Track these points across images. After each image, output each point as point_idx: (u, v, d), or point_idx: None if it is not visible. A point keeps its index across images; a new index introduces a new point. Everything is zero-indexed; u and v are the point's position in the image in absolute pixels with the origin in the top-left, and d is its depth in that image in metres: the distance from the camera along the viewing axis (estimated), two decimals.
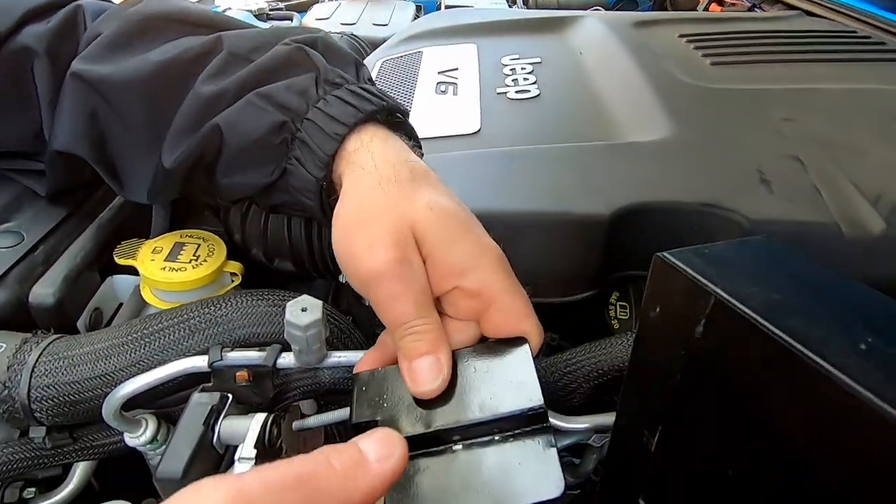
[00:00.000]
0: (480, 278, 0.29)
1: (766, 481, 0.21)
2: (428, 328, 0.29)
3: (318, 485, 0.18)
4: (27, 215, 0.46)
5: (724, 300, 0.21)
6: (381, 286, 0.29)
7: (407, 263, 0.29)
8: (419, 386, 0.28)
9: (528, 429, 0.27)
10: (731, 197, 0.42)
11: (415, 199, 0.30)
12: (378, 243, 0.28)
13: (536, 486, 0.25)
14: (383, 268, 0.28)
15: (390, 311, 0.29)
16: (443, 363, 0.29)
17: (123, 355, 0.36)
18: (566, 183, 0.44)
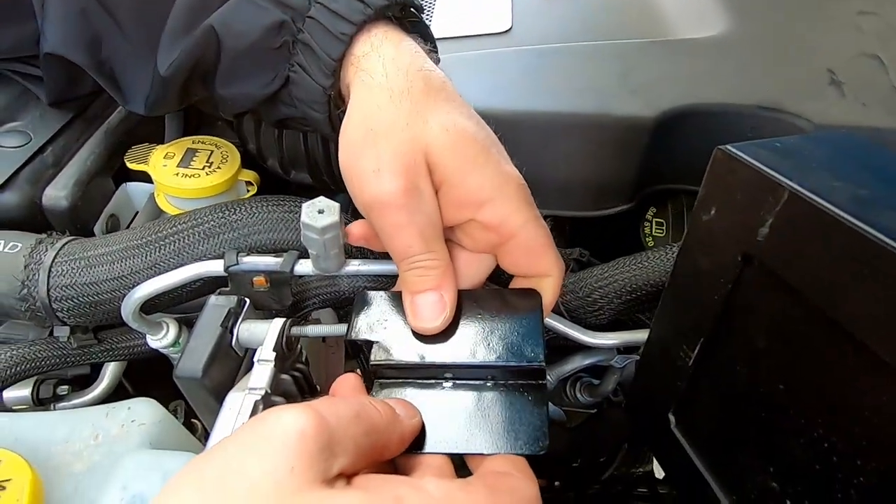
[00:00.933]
0: (499, 211, 0.27)
1: (832, 395, 0.19)
2: (433, 264, 0.27)
3: (373, 421, 0.21)
4: (33, 115, 0.44)
5: (800, 195, 0.18)
6: (385, 215, 0.26)
7: (416, 193, 0.26)
8: (420, 322, 0.27)
9: (523, 382, 0.26)
10: (796, 99, 0.37)
11: (429, 119, 0.27)
12: (385, 168, 0.26)
13: (518, 438, 0.25)
14: (389, 197, 0.26)
15: (394, 241, 0.27)
16: (447, 301, 0.27)
17: (139, 258, 0.35)
18: (606, 82, 0.39)
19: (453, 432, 0.25)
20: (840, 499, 0.19)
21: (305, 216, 0.30)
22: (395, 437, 0.22)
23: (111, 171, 0.46)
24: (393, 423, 0.22)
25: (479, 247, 0.29)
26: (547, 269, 0.28)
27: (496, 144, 0.28)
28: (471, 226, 0.28)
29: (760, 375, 0.22)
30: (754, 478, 0.23)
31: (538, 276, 0.28)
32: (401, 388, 0.27)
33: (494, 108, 0.37)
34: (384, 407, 0.22)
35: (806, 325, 0.19)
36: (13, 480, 0.27)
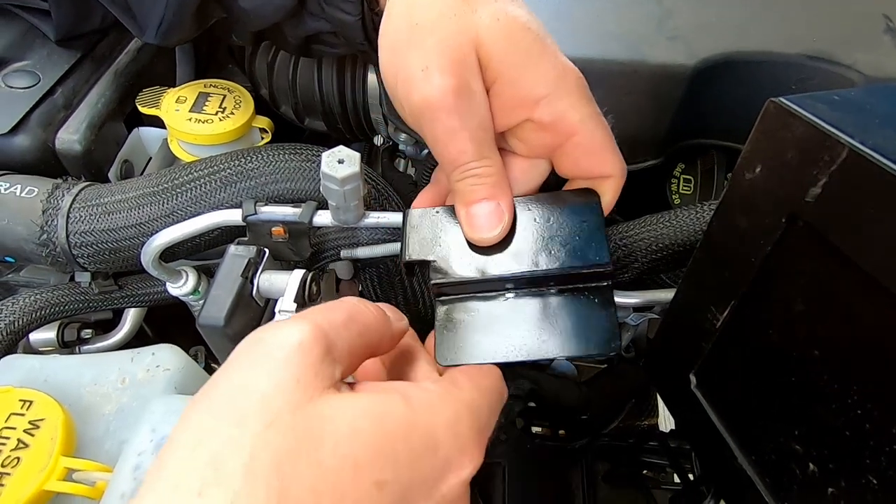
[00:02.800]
0: (557, 108, 0.25)
1: (873, 363, 0.18)
2: (489, 171, 0.25)
3: (366, 321, 0.21)
4: (40, 54, 0.43)
5: (861, 154, 0.17)
6: (437, 120, 0.24)
7: (467, 93, 0.24)
8: (477, 232, 0.26)
9: (588, 285, 0.25)
10: (846, 49, 0.35)
11: (478, 8, 0.24)
12: (434, 66, 0.23)
13: (589, 340, 0.24)
14: (440, 98, 0.24)
15: (447, 149, 0.25)
16: (504, 210, 0.26)
17: (156, 205, 0.34)
18: (642, 28, 0.37)
19: (520, 340, 0.25)
20: (869, 464, 0.19)
21: (325, 166, 0.29)
22: (386, 336, 0.22)
23: (123, 114, 0.45)
24: (384, 323, 0.22)
25: (533, 151, 0.27)
26: (608, 169, 0.26)
27: (549, 35, 0.26)
28: (524, 128, 0.26)
29: (795, 339, 0.21)
30: (776, 439, 0.23)
31: (598, 177, 0.27)
32: (462, 303, 0.26)
33: None
34: (375, 308, 0.22)
35: (852, 291, 0.18)
36: (46, 420, 0.27)
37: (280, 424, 0.17)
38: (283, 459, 0.16)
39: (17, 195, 0.35)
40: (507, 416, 0.47)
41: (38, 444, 0.27)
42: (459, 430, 0.20)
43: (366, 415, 0.18)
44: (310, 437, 0.17)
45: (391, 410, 0.19)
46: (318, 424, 0.17)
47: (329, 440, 0.17)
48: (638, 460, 0.42)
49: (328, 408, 0.18)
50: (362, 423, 0.18)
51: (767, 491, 0.24)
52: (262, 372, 0.18)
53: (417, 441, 0.19)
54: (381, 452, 0.18)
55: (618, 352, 0.24)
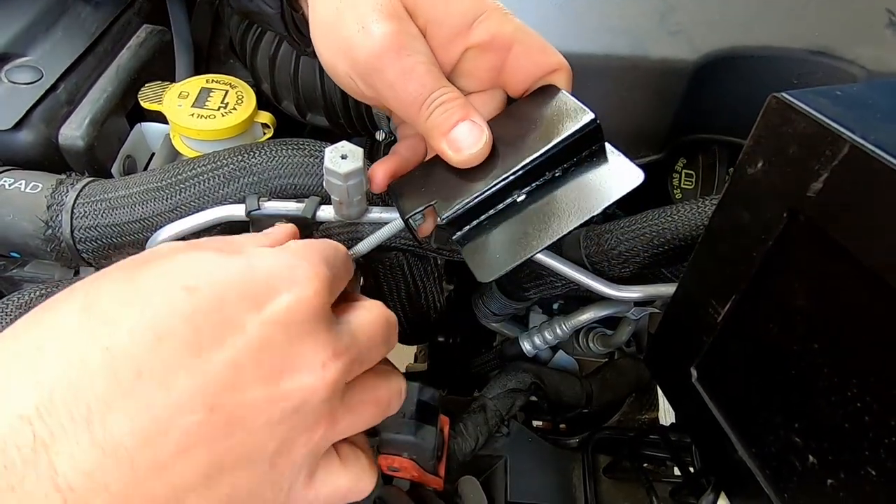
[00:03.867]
0: (489, 26, 0.26)
1: (874, 357, 0.18)
2: (453, 94, 0.26)
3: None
4: (43, 48, 0.43)
5: (862, 149, 0.17)
6: (387, 66, 0.25)
7: (407, 34, 0.26)
8: (464, 152, 0.26)
9: (584, 153, 0.26)
10: (849, 43, 0.35)
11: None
12: (369, 21, 0.25)
13: (619, 182, 0.25)
14: (384, 44, 0.25)
15: (406, 89, 0.26)
16: (480, 123, 0.26)
17: (160, 200, 0.34)
18: (644, 22, 0.37)
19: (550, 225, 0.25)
20: (868, 457, 0.19)
21: (328, 161, 0.29)
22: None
23: (125, 110, 0.45)
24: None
25: (482, 81, 0.29)
26: (554, 61, 0.28)
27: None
28: (467, 59, 0.28)
29: (795, 334, 0.22)
30: (776, 432, 0.24)
31: (548, 74, 0.28)
32: (479, 226, 0.26)
33: None
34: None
35: (853, 285, 0.19)
36: None
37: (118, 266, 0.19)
38: (98, 276, 0.19)
39: (21, 191, 0.35)
40: (509, 410, 0.47)
41: None
42: (286, 256, 0.20)
43: (194, 244, 0.20)
44: (130, 261, 0.19)
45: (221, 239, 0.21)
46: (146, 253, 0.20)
47: (144, 261, 0.19)
48: (639, 453, 0.43)
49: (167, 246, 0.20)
50: (181, 246, 0.20)
51: (767, 483, 0.25)
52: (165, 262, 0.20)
53: (238, 259, 0.19)
54: (193, 265, 0.19)
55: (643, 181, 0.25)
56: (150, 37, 0.48)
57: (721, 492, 0.31)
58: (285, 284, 0.19)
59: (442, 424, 0.39)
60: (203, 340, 0.17)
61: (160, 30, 0.50)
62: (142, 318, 0.17)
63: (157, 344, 0.16)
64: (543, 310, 0.54)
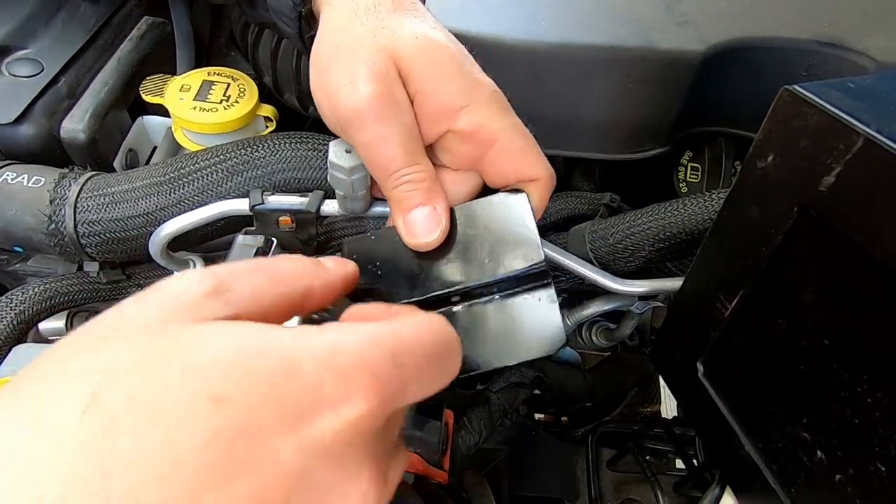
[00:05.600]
0: (475, 118, 0.26)
1: (884, 352, 0.18)
2: (422, 175, 0.26)
3: (280, 269, 0.19)
4: (43, 42, 0.42)
5: (877, 142, 0.17)
6: (364, 127, 0.25)
7: (392, 100, 0.25)
8: (415, 238, 0.26)
9: (530, 285, 0.26)
10: (858, 34, 0.34)
11: (396, 29, 0.26)
12: (359, 78, 0.25)
13: (537, 342, 0.25)
14: (366, 105, 0.25)
15: (378, 156, 0.26)
16: (440, 213, 0.27)
17: (163, 195, 0.34)
18: (651, 13, 0.36)
19: (474, 350, 0.25)
20: (878, 452, 0.19)
21: (333, 155, 0.29)
22: (316, 284, 0.20)
23: (126, 103, 0.45)
24: (312, 272, 0.20)
25: (461, 163, 0.28)
26: (533, 171, 0.27)
27: (467, 56, 0.28)
28: (449, 139, 0.27)
29: (804, 328, 0.21)
30: (784, 427, 0.23)
31: (525, 181, 0.28)
32: None
33: (529, 39, 0.35)
34: (302, 259, 0.20)
35: (865, 281, 0.18)
36: None
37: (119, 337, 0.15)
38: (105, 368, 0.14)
39: (24, 185, 0.35)
40: (513, 403, 0.47)
41: None
42: (339, 359, 0.16)
43: (224, 333, 0.16)
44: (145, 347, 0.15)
45: (258, 336, 0.16)
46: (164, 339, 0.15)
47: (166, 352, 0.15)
48: (642, 447, 0.43)
49: (189, 331, 0.16)
50: (216, 340, 0.15)
51: (774, 478, 0.24)
52: (139, 304, 0.17)
53: (276, 359, 0.15)
54: (227, 368, 0.15)
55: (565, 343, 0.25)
56: (150, 29, 0.48)
57: (726, 486, 0.31)
58: (333, 400, 0.15)
59: (446, 418, 0.39)
60: (227, 469, 0.14)
61: (161, 22, 0.49)
62: (154, 432, 0.14)
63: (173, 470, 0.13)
64: None
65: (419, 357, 0.17)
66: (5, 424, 0.14)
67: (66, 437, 0.13)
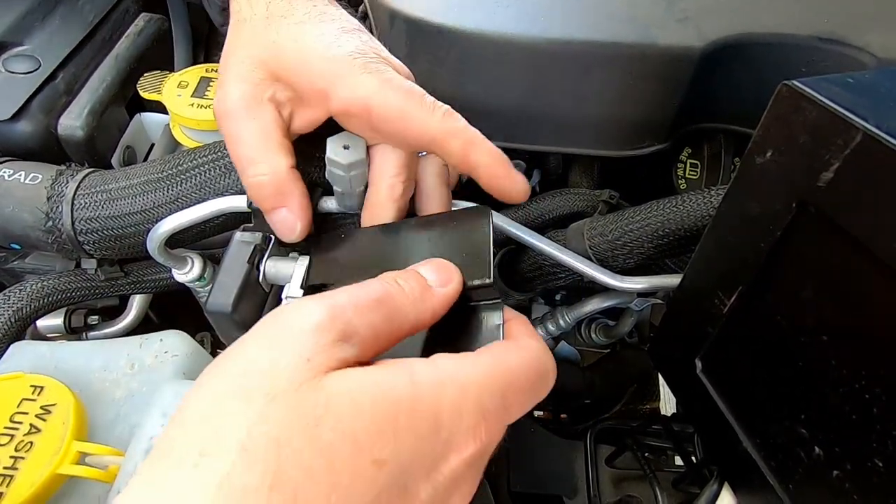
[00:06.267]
0: (341, 92, 0.27)
1: (883, 349, 0.18)
2: (266, 178, 0.27)
3: (396, 304, 0.21)
4: (40, 38, 0.42)
5: (875, 137, 0.17)
6: (223, 125, 0.28)
7: (251, 102, 0.27)
8: (282, 237, 0.29)
9: (478, 302, 0.25)
10: (859, 30, 0.34)
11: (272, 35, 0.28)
12: (226, 81, 0.28)
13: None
14: (226, 105, 0.27)
15: (233, 153, 0.28)
16: (295, 214, 0.28)
17: (161, 192, 0.34)
18: (651, 9, 0.36)
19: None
20: (875, 448, 0.19)
21: (331, 152, 0.29)
22: (426, 314, 0.22)
23: (124, 100, 0.45)
24: (421, 301, 0.22)
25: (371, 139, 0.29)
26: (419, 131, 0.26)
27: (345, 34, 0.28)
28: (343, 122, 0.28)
29: (803, 325, 0.21)
30: (782, 423, 0.23)
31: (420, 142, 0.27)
32: None
33: (528, 36, 0.34)
34: (412, 283, 0.22)
35: (864, 277, 0.18)
36: (58, 405, 0.28)
37: (282, 401, 0.17)
38: (280, 435, 0.16)
39: (21, 182, 0.35)
40: None
41: (51, 428, 0.27)
42: (464, 409, 0.19)
43: (368, 392, 0.18)
44: (309, 414, 0.17)
45: (395, 388, 0.18)
46: (322, 400, 0.17)
47: (329, 417, 0.17)
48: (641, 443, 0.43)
49: (332, 385, 0.18)
50: (364, 401, 0.18)
51: (772, 474, 0.25)
52: (275, 349, 0.18)
53: (419, 420, 0.18)
54: (381, 431, 0.17)
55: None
56: (148, 25, 0.48)
57: (724, 482, 0.31)
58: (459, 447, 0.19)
59: None
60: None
61: (158, 18, 0.49)
62: (333, 499, 0.16)
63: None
64: (546, 301, 0.54)
65: (524, 393, 0.21)
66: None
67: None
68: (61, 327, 0.42)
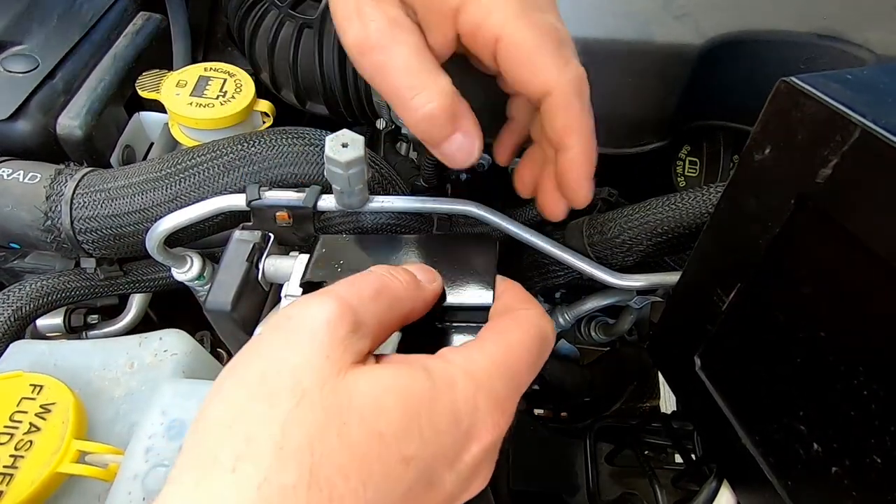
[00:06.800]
0: (474, 13, 0.23)
1: (881, 345, 0.18)
2: (436, 104, 0.24)
3: (394, 294, 0.21)
4: (38, 38, 0.42)
5: (874, 134, 0.17)
6: (365, 60, 0.24)
7: (393, 24, 0.24)
8: (458, 166, 0.26)
9: (473, 323, 0.26)
10: (857, 26, 0.34)
11: None
12: (360, 11, 0.24)
13: None
14: (363, 35, 0.24)
15: (387, 83, 0.24)
16: (473, 134, 0.25)
17: (160, 191, 0.34)
18: (649, 6, 0.36)
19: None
20: (874, 444, 0.19)
21: (329, 150, 0.29)
22: (418, 303, 0.23)
23: (123, 99, 0.45)
24: (415, 295, 0.22)
25: (488, 69, 0.26)
26: (542, 77, 0.24)
27: None
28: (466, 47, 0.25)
29: (802, 321, 0.21)
30: (780, 420, 0.23)
31: (537, 94, 0.24)
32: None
33: None
34: (405, 275, 0.22)
35: (862, 273, 0.18)
36: (57, 404, 0.28)
37: (309, 401, 0.17)
38: (313, 436, 0.16)
39: (20, 181, 0.35)
40: None
41: (50, 427, 0.27)
42: (480, 400, 0.20)
43: (390, 390, 0.18)
44: (338, 413, 0.17)
45: (414, 384, 0.19)
46: (346, 400, 0.17)
47: (355, 416, 0.17)
48: (641, 441, 0.43)
49: (355, 383, 0.18)
50: (387, 399, 0.18)
51: (771, 470, 0.25)
52: (292, 349, 0.18)
53: (440, 416, 0.19)
54: (406, 429, 0.18)
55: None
56: (146, 24, 0.48)
57: (724, 479, 0.31)
58: (479, 437, 0.20)
59: None
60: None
61: (157, 17, 0.49)
62: (366, 497, 0.17)
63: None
64: (545, 299, 0.54)
65: (531, 365, 0.22)
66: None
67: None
68: (61, 326, 0.42)
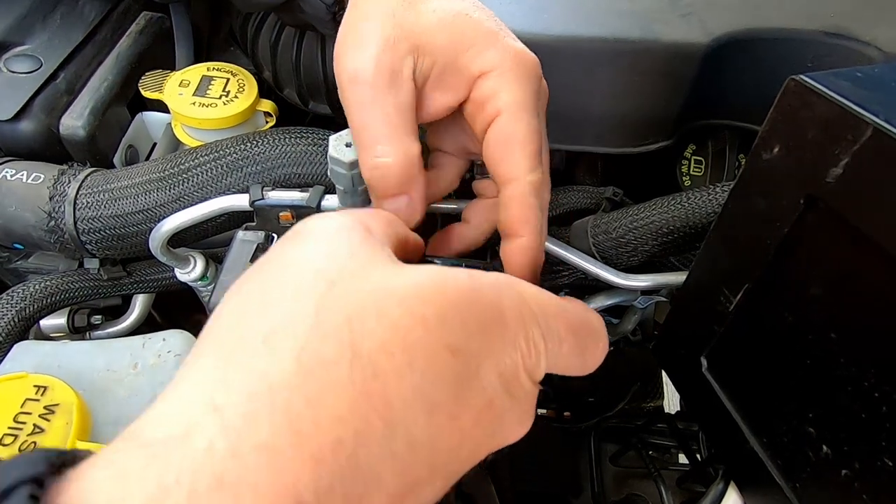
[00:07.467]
0: (492, 84, 0.24)
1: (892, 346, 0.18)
2: (391, 161, 0.24)
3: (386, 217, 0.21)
4: (42, 38, 0.42)
5: (886, 132, 0.17)
6: (352, 89, 0.24)
7: (393, 71, 0.24)
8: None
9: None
10: (866, 24, 0.34)
11: (419, 6, 0.25)
12: (368, 42, 0.24)
13: None
14: (364, 65, 0.23)
15: (353, 123, 0.24)
16: (418, 202, 0.25)
17: (163, 191, 0.34)
18: (655, 5, 0.36)
19: None
20: (885, 447, 0.19)
21: (333, 150, 0.28)
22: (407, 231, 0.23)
23: (126, 99, 0.45)
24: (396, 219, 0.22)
25: (457, 145, 0.28)
26: (508, 167, 0.24)
27: (501, 26, 0.26)
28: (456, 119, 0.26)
29: (811, 322, 0.21)
30: (789, 422, 0.23)
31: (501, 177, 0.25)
32: None
33: (533, 32, 0.34)
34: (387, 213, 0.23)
35: (874, 273, 0.18)
36: (61, 405, 0.28)
37: (342, 288, 0.16)
38: (350, 316, 0.15)
39: (23, 182, 0.35)
40: None
41: (54, 428, 0.27)
42: (527, 315, 0.18)
43: (429, 280, 0.17)
44: (373, 298, 0.16)
45: (456, 278, 0.17)
46: (382, 286, 0.16)
47: (394, 299, 0.16)
48: (645, 442, 0.43)
49: (389, 273, 0.17)
50: (427, 287, 0.17)
51: (779, 472, 0.24)
52: (312, 247, 0.17)
53: (484, 312, 0.17)
54: (449, 317, 0.16)
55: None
56: (149, 24, 0.48)
57: (730, 481, 0.31)
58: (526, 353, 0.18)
59: None
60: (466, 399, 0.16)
61: (160, 17, 0.49)
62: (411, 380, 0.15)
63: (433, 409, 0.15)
64: None
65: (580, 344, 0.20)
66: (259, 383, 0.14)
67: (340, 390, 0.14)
68: (64, 327, 0.42)
